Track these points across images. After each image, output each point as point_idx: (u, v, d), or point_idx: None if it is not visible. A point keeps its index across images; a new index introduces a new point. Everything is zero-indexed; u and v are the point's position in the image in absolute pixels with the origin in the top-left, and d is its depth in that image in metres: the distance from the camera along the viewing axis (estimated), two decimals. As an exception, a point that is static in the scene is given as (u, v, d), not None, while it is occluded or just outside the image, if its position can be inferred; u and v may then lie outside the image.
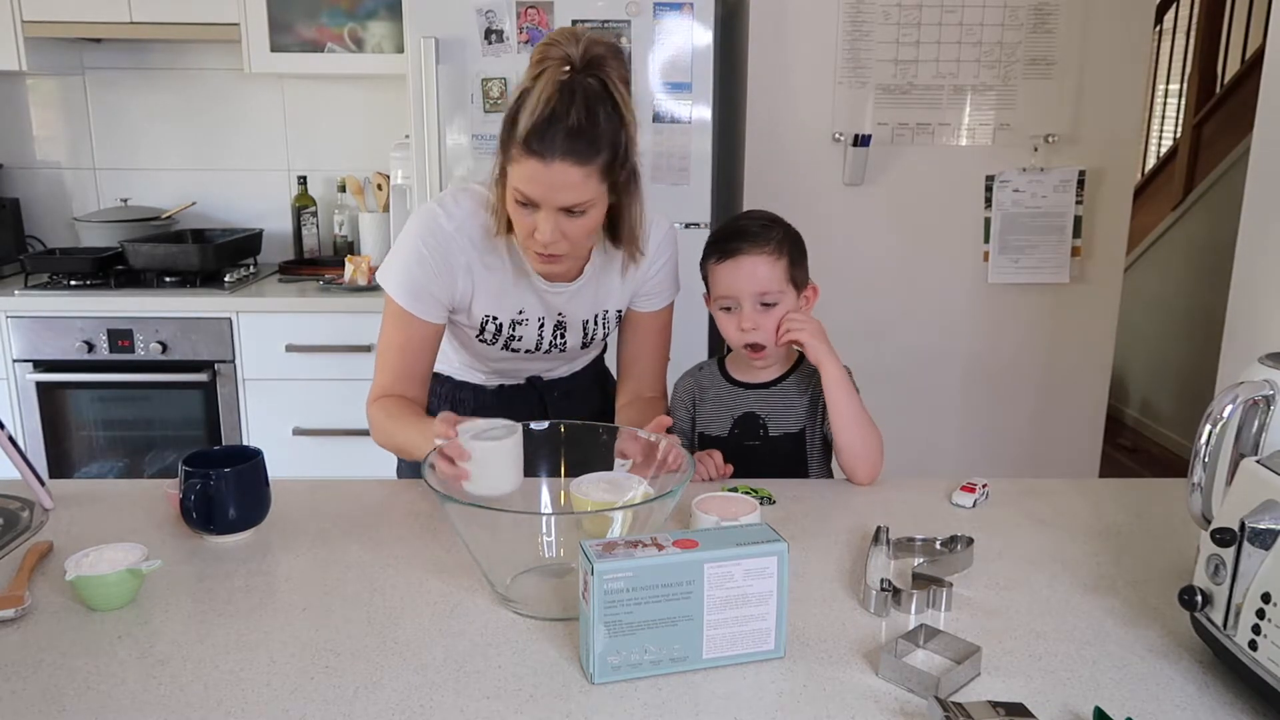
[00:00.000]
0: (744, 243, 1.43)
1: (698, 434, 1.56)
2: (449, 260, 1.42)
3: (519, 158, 1.28)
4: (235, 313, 2.64)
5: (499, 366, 1.59)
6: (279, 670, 0.93)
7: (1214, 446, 0.92)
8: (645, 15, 2.40)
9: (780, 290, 1.43)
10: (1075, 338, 2.74)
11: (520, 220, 1.34)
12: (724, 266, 1.45)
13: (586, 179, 1.29)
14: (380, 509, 1.32)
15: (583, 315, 1.54)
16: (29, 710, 0.86)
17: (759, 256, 1.42)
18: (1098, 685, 0.91)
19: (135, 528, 1.25)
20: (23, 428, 2.68)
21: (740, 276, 1.43)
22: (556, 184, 1.28)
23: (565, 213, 1.31)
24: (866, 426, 1.41)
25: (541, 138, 1.25)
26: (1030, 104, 2.58)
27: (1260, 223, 1.92)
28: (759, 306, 1.43)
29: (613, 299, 1.55)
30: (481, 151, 2.48)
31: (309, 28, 2.73)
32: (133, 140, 3.13)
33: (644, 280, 1.55)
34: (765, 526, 0.98)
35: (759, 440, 1.49)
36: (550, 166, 1.26)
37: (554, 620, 1.02)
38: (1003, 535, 1.25)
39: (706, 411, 1.55)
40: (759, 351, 1.46)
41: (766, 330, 1.43)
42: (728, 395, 1.53)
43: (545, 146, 1.25)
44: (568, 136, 1.25)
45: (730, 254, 1.44)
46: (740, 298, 1.43)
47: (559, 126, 1.25)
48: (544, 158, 1.26)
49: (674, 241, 1.57)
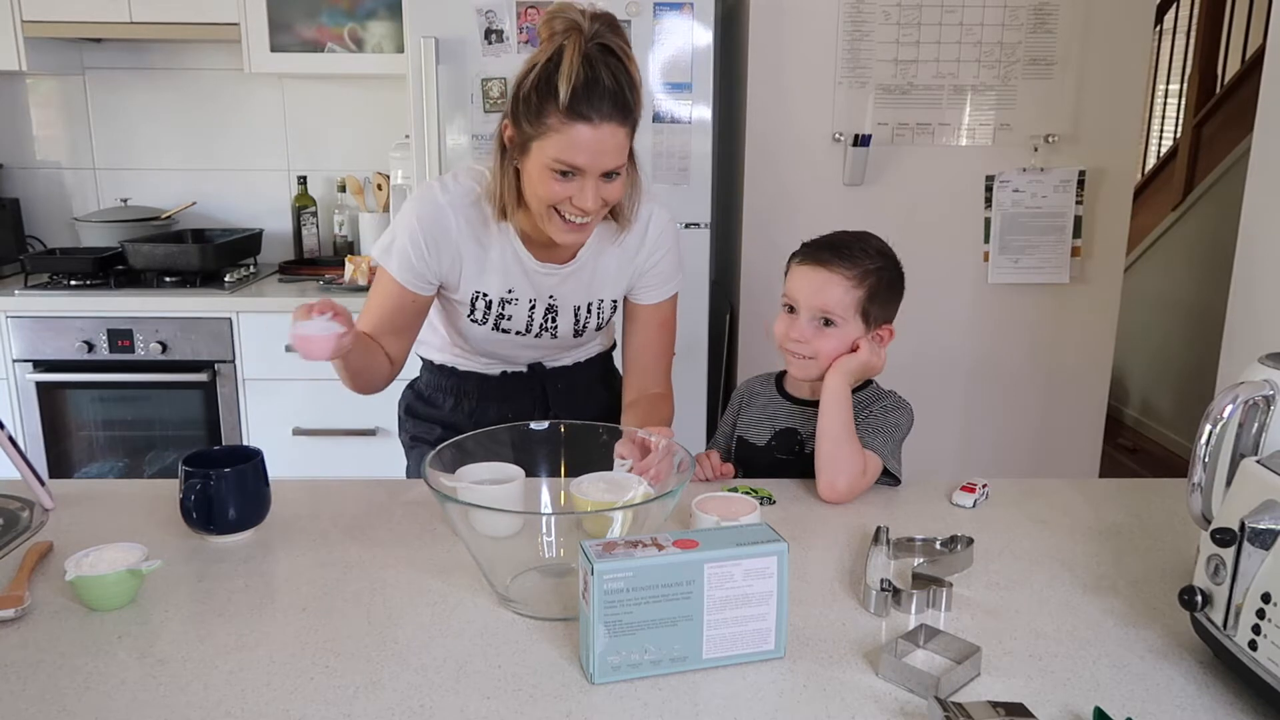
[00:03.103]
0: (831, 256, 1.41)
1: (737, 437, 1.55)
2: (444, 235, 1.43)
3: (560, 126, 1.28)
4: (235, 313, 2.64)
5: (494, 350, 1.58)
6: (279, 670, 0.93)
7: (1214, 446, 0.92)
8: (645, 15, 2.40)
9: (844, 317, 1.40)
10: (1075, 338, 2.74)
11: (552, 190, 1.33)
12: (801, 269, 1.43)
13: (627, 139, 1.33)
14: (380, 509, 1.32)
15: (574, 301, 1.53)
16: (29, 710, 0.86)
17: (836, 275, 1.40)
18: (1098, 685, 0.91)
19: (135, 528, 1.25)
20: (23, 428, 2.68)
21: (810, 286, 1.41)
22: (605, 146, 1.30)
23: (604, 177, 1.33)
24: (844, 446, 1.36)
25: (589, 101, 1.27)
26: (1030, 104, 2.58)
27: (1260, 223, 1.92)
28: (815, 321, 1.41)
29: (607, 288, 1.54)
30: (482, 151, 2.48)
31: (309, 28, 2.73)
32: (133, 140, 3.13)
33: (643, 270, 1.55)
34: (765, 526, 0.98)
35: (792, 455, 1.47)
36: (599, 129, 1.28)
37: (554, 620, 1.02)
38: (1003, 535, 1.25)
39: (749, 417, 1.54)
40: (799, 360, 1.43)
41: (814, 346, 1.41)
42: (773, 406, 1.52)
43: (593, 109, 1.27)
44: (610, 99, 1.28)
45: (811, 260, 1.42)
46: (802, 306, 1.42)
47: (601, 89, 1.27)
48: (592, 121, 1.27)
49: (675, 233, 1.57)
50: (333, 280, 2.79)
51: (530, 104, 1.30)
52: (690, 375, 2.54)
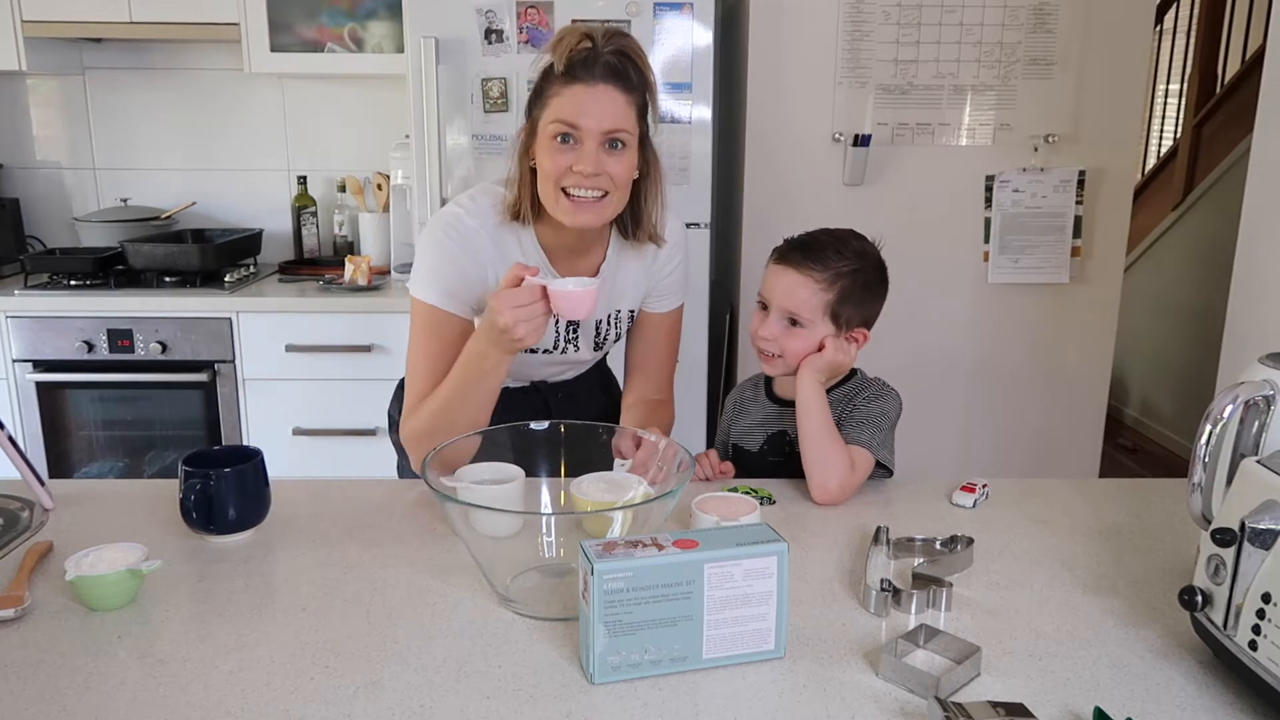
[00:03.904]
0: (802, 258, 1.41)
1: (732, 445, 1.55)
2: (475, 255, 1.42)
3: (559, 90, 1.33)
4: (235, 313, 2.64)
5: (514, 369, 1.58)
6: (279, 670, 0.93)
7: (1214, 446, 0.92)
8: (645, 15, 2.40)
9: (810, 319, 1.40)
10: (1075, 338, 2.74)
11: (557, 160, 1.34)
12: (775, 269, 1.44)
13: (628, 106, 1.34)
14: (380, 509, 1.32)
15: (596, 314, 1.53)
16: (29, 710, 0.86)
17: (804, 277, 1.40)
18: (1098, 685, 0.91)
19: (135, 528, 1.25)
20: (23, 428, 2.68)
21: (779, 285, 1.42)
22: (603, 104, 1.32)
23: (606, 147, 1.33)
24: (828, 446, 1.35)
25: (584, 65, 1.32)
26: (1030, 104, 2.58)
27: (1260, 223, 1.92)
28: (784, 321, 1.42)
29: (625, 298, 1.55)
30: (481, 151, 2.48)
31: (309, 28, 2.73)
32: (132, 140, 3.13)
33: (659, 279, 1.55)
34: (765, 526, 0.98)
35: (783, 457, 1.47)
36: (594, 88, 1.32)
37: (554, 620, 1.02)
38: (1003, 535, 1.25)
39: (743, 424, 1.54)
40: (768, 359, 1.45)
41: (781, 345, 1.42)
42: (763, 410, 1.52)
43: (588, 72, 1.32)
44: (608, 67, 1.32)
45: (783, 260, 1.43)
46: (771, 304, 1.43)
47: (601, 60, 1.32)
48: (588, 81, 1.32)
49: (686, 243, 1.58)
50: (333, 280, 2.79)
51: (536, 90, 1.36)
52: (690, 376, 2.53)
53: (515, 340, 1.26)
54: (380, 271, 2.89)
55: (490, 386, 1.34)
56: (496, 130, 2.46)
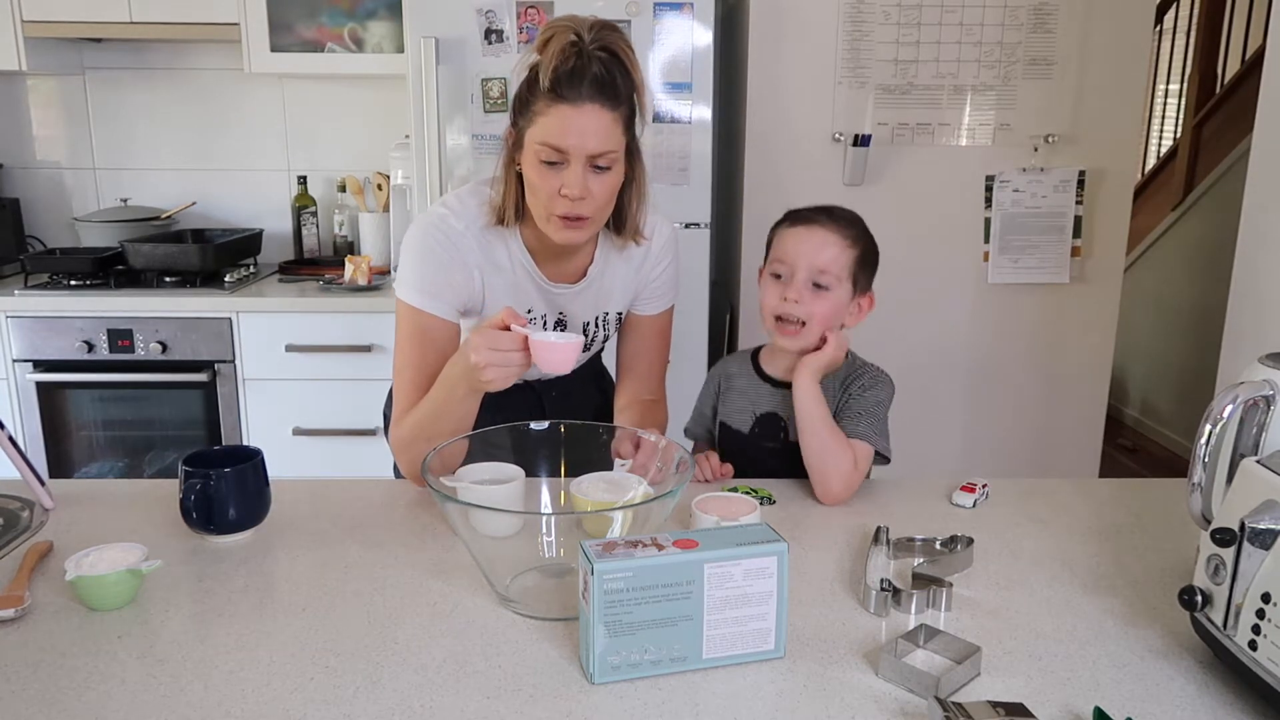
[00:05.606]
0: (825, 217, 1.42)
1: (719, 423, 1.53)
2: (461, 257, 1.41)
3: (545, 109, 1.30)
4: (235, 313, 2.64)
5: None
6: (279, 670, 0.93)
7: (1214, 446, 0.92)
8: (645, 15, 2.40)
9: (839, 277, 1.39)
10: (1075, 338, 2.74)
11: (545, 181, 1.33)
12: (795, 231, 1.42)
13: (614, 124, 1.31)
14: (380, 509, 1.32)
15: (584, 317, 1.53)
16: (29, 710, 0.86)
17: (832, 234, 1.40)
18: (1098, 685, 0.91)
19: (135, 528, 1.25)
20: (23, 428, 2.68)
21: (807, 245, 1.40)
22: (588, 128, 1.29)
23: (592, 168, 1.32)
24: (830, 446, 1.35)
25: (570, 83, 1.28)
26: (1030, 104, 2.58)
27: (1260, 223, 1.92)
28: (811, 284, 1.39)
29: (614, 300, 1.55)
30: (481, 151, 2.48)
31: (309, 28, 2.73)
32: (132, 140, 3.13)
33: (648, 281, 1.55)
34: (765, 526, 0.98)
35: (778, 444, 1.47)
36: (580, 109, 1.28)
37: (554, 620, 1.02)
38: (1003, 535, 1.25)
39: (730, 401, 1.52)
40: (788, 328, 1.41)
41: (808, 309, 1.39)
42: (753, 388, 1.50)
43: (574, 91, 1.28)
44: (594, 83, 1.29)
45: (806, 221, 1.42)
46: (797, 267, 1.40)
47: (586, 74, 1.28)
48: (574, 102, 1.28)
49: (677, 245, 1.58)
50: (333, 280, 2.79)
51: (522, 98, 1.33)
52: (690, 376, 2.52)
53: (483, 381, 1.24)
54: (380, 271, 2.89)
55: (466, 410, 1.33)
56: (496, 130, 2.46)
